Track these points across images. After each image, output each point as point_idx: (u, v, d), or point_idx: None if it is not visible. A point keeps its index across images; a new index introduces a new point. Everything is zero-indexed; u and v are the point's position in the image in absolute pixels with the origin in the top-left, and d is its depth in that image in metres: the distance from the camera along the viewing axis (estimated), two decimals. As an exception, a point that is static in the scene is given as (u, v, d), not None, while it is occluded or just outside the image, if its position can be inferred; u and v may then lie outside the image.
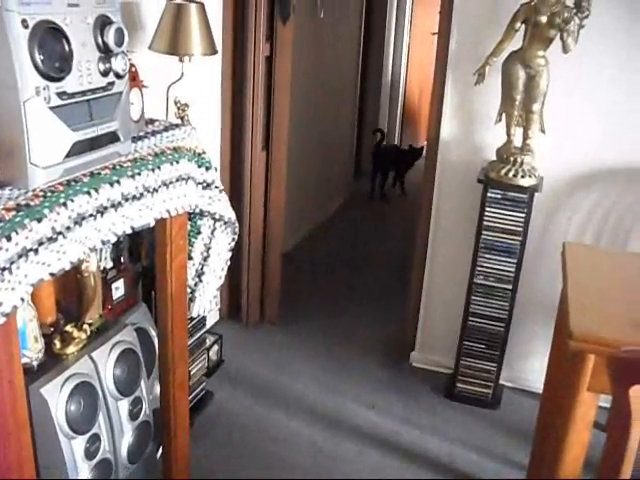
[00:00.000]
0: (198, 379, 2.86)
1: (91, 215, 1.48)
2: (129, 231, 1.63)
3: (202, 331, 2.82)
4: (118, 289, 2.06)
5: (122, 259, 2.09)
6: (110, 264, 2.04)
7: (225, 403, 2.97)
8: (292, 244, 4.55)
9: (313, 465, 2.64)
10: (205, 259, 2.06)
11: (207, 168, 1.92)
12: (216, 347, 3.15)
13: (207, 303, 2.15)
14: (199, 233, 2.02)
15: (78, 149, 1.45)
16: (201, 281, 2.08)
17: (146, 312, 2.16)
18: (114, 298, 2.04)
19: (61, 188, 1.41)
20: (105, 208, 1.52)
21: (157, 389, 2.13)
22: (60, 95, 1.35)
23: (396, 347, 3.47)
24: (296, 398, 3.05)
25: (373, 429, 2.89)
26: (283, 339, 3.53)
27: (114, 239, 1.58)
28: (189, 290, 2.07)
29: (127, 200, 1.59)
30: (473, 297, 2.93)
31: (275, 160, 3.41)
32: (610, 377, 1.33)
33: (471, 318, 2.96)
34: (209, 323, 3.30)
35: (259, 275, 3.56)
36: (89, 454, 1.74)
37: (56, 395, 1.63)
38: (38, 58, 1.29)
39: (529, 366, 3.14)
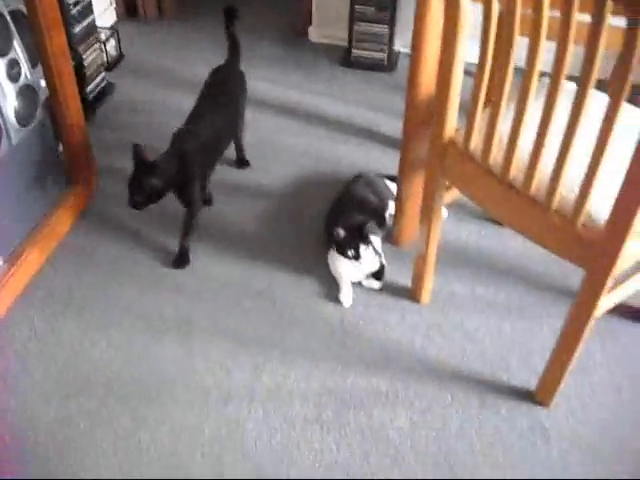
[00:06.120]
0: (96, 69, 2.89)
1: None
2: None
3: (90, 17, 2.80)
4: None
5: None
6: None
7: (128, 92, 3.04)
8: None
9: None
10: None
11: None
12: (113, 42, 3.15)
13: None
14: None
15: None
16: None
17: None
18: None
19: None
20: None
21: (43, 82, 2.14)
22: None
23: (294, 26, 3.51)
24: (199, 81, 3.08)
25: (274, 100, 3.00)
26: (184, 33, 3.52)
27: None
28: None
29: None
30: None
31: None
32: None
33: (361, -18, 2.97)
34: (106, 24, 3.27)
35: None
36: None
37: None
38: None
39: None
